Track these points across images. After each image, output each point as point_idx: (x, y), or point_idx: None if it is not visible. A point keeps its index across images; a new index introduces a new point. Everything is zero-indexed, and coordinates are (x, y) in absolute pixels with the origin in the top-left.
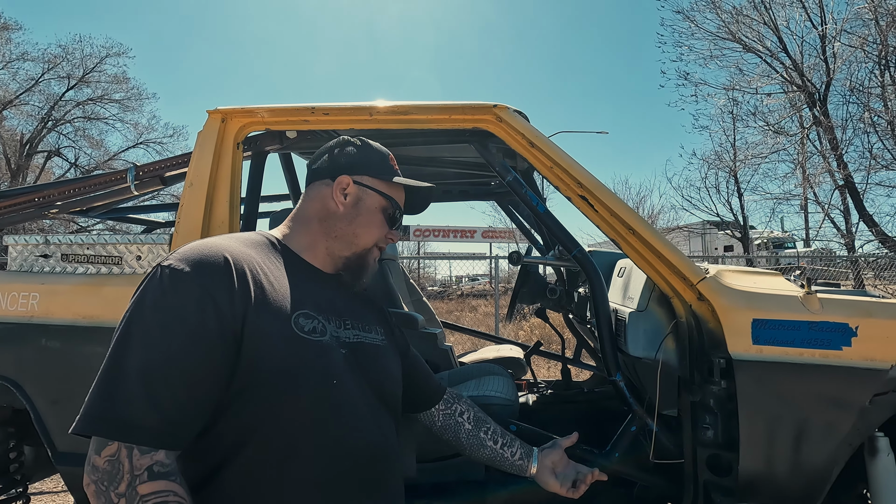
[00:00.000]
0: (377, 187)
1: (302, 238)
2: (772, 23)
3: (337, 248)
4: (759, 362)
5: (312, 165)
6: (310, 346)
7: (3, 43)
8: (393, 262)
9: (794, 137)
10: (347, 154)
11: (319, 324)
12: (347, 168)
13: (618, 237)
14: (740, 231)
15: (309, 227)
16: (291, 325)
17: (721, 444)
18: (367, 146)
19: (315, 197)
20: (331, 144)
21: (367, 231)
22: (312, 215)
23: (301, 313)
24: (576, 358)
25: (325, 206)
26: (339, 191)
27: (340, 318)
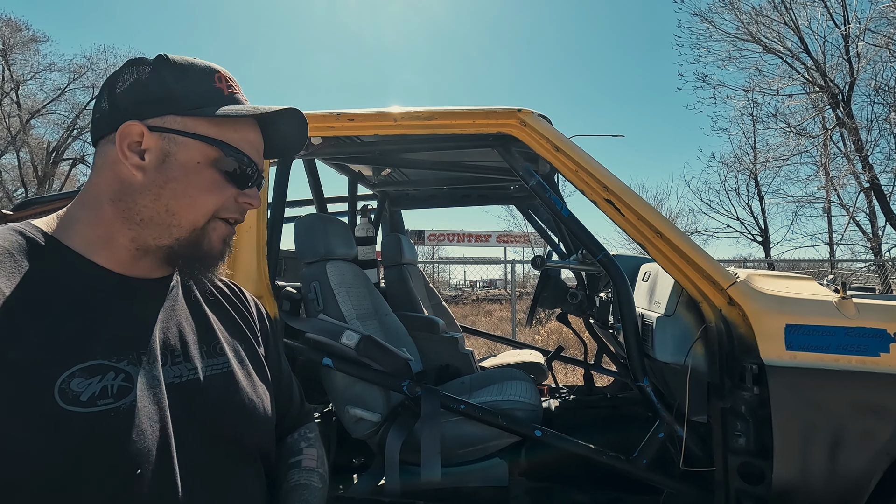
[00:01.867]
0: (194, 129)
1: (89, 229)
2: (793, 23)
3: (151, 238)
4: (793, 368)
5: (95, 117)
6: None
7: (32, 54)
8: (412, 266)
9: (816, 139)
10: (137, 86)
11: (117, 376)
12: (138, 109)
13: (645, 241)
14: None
15: (98, 213)
16: (54, 397)
17: (753, 452)
18: (166, 63)
19: (101, 165)
20: (110, 77)
21: (192, 201)
22: (102, 194)
23: (78, 370)
24: (597, 363)
25: (117, 176)
26: (126, 148)
27: (165, 350)
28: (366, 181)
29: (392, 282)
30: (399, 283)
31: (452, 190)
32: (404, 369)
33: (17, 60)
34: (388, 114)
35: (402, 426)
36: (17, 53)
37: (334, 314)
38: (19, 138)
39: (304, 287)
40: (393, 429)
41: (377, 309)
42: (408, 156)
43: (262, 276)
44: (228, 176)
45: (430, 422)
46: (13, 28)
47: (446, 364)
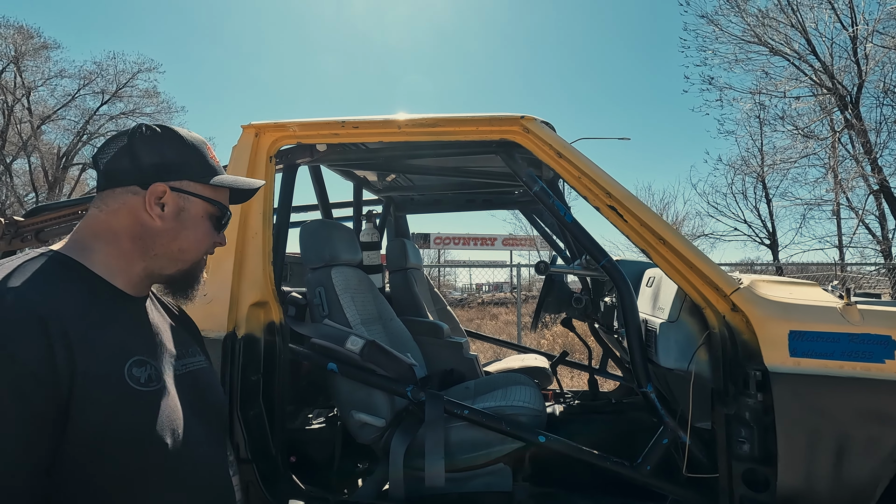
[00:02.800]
0: (200, 192)
1: (111, 260)
2: (799, 25)
3: (158, 267)
4: (797, 375)
5: (108, 166)
6: (150, 399)
7: (43, 61)
8: (417, 270)
9: (824, 141)
10: (156, 153)
11: (153, 369)
12: (160, 172)
13: (648, 247)
14: (769, 238)
15: (118, 247)
16: (126, 380)
17: (757, 459)
18: (178, 138)
19: (121, 209)
20: (129, 139)
21: (195, 244)
22: (121, 232)
23: (134, 361)
24: (602, 368)
25: (137, 220)
26: (153, 202)
27: (167, 350)
28: (371, 186)
29: (397, 286)
30: (404, 288)
31: (457, 195)
32: (409, 374)
33: (28, 67)
34: (393, 121)
35: (406, 431)
36: (28, 60)
37: (339, 319)
38: (30, 144)
39: (310, 292)
40: (397, 434)
41: (382, 314)
42: (412, 161)
43: (267, 282)
44: (215, 225)
45: (434, 427)
46: (25, 35)
47: (451, 369)
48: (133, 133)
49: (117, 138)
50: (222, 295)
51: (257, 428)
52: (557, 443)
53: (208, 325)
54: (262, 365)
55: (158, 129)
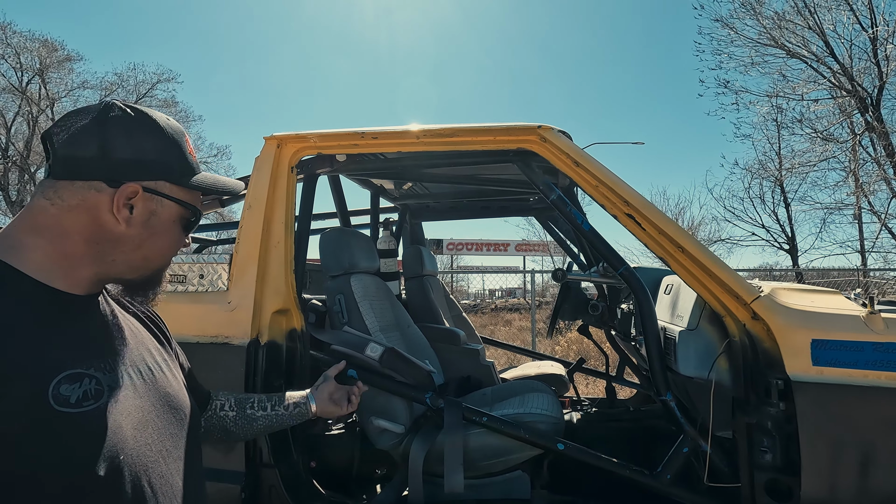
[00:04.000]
0: (175, 195)
1: (50, 261)
2: (817, 27)
3: (115, 273)
4: (820, 384)
5: (70, 151)
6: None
7: (67, 73)
8: (433, 277)
9: (844, 144)
10: (132, 146)
11: (94, 382)
12: (135, 170)
13: (666, 255)
14: (788, 243)
15: (64, 248)
16: (49, 403)
17: (780, 468)
18: (157, 130)
19: (80, 206)
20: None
21: (162, 251)
22: (73, 232)
23: (64, 377)
24: (619, 375)
25: (96, 221)
26: (122, 204)
27: (123, 356)
28: (387, 194)
29: (413, 293)
30: (420, 295)
31: (472, 202)
32: (427, 381)
33: (52, 79)
34: (411, 131)
35: (425, 438)
36: (52, 72)
37: (358, 326)
38: None
39: (329, 300)
40: (416, 440)
41: (399, 321)
42: (429, 170)
43: (289, 290)
44: (185, 228)
45: (453, 433)
46: (49, 48)
47: (467, 376)
48: (104, 116)
49: (80, 116)
50: (246, 302)
51: (279, 433)
52: (576, 450)
53: (232, 331)
54: (284, 371)
55: (133, 113)
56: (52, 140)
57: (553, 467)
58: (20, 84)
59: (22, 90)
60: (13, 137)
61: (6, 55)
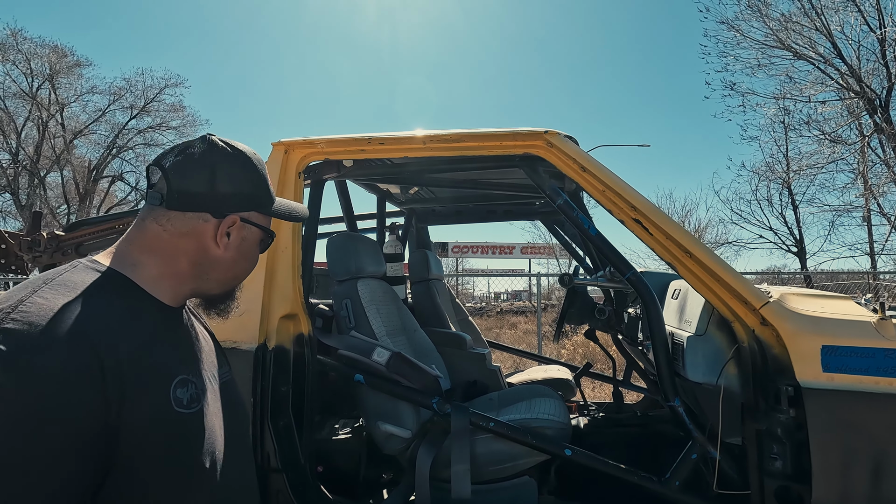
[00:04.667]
0: (260, 222)
1: (161, 278)
2: (824, 28)
3: (206, 289)
4: (831, 391)
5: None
6: (191, 423)
7: (76, 78)
8: (439, 281)
9: (853, 146)
10: (234, 181)
11: (194, 387)
12: (236, 203)
13: (674, 260)
14: (796, 245)
15: (174, 267)
16: (171, 405)
17: (790, 476)
18: (252, 166)
19: (189, 233)
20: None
21: (246, 271)
22: (183, 254)
23: (177, 381)
24: (626, 379)
25: (202, 246)
26: (224, 232)
27: (204, 363)
28: (394, 199)
29: (419, 297)
30: (426, 299)
31: (478, 206)
32: (434, 386)
33: (62, 84)
34: (417, 137)
35: (432, 443)
36: (62, 78)
37: (365, 331)
38: (63, 158)
39: (336, 304)
40: (423, 445)
41: (406, 325)
42: (435, 175)
43: (297, 295)
44: (262, 249)
45: (460, 439)
46: (59, 54)
47: (474, 380)
48: (209, 153)
49: (188, 153)
50: (253, 307)
51: (287, 438)
52: (584, 456)
53: (240, 336)
54: (292, 376)
55: (231, 150)
56: (166, 171)
57: (560, 473)
58: (30, 89)
59: (32, 95)
60: (23, 142)
61: (17, 61)
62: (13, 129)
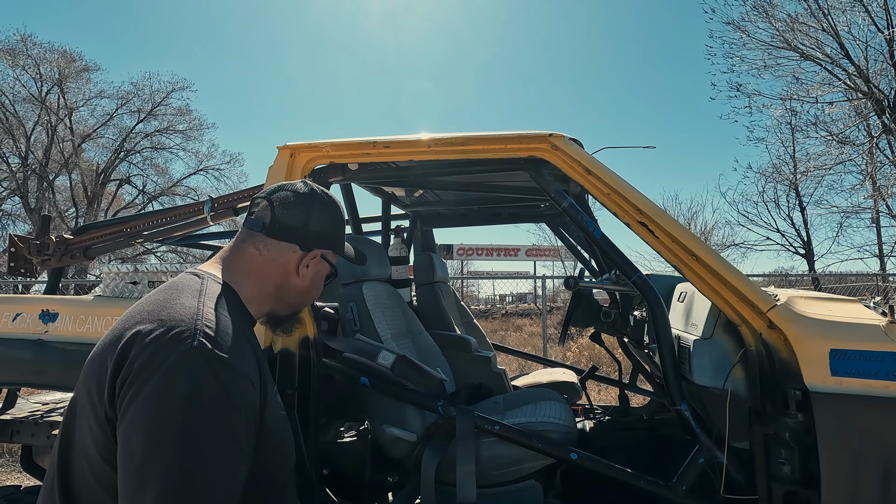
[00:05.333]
0: (332, 260)
1: (253, 297)
2: (831, 29)
3: (279, 310)
4: (840, 395)
5: (283, 218)
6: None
7: (84, 83)
8: (444, 284)
9: (861, 147)
10: (324, 222)
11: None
12: (321, 242)
13: (680, 263)
14: (804, 247)
15: (264, 287)
16: (278, 406)
17: (799, 481)
18: (338, 213)
19: (278, 261)
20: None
21: (313, 297)
22: (271, 278)
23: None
24: (632, 383)
25: (286, 272)
26: (307, 263)
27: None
28: (398, 202)
29: (424, 300)
30: (431, 302)
31: (483, 209)
32: (439, 389)
33: (71, 89)
34: (422, 140)
35: (437, 446)
36: (71, 82)
37: (370, 334)
38: (72, 161)
39: (342, 307)
40: (428, 449)
41: (411, 328)
42: (440, 178)
43: None
44: (326, 281)
45: (465, 442)
46: (68, 59)
47: (479, 383)
48: (311, 197)
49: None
50: None
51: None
52: (590, 460)
53: None
54: (297, 379)
55: (327, 198)
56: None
57: (566, 477)
58: (40, 94)
59: (41, 100)
60: (33, 146)
61: (27, 66)
62: (23, 133)
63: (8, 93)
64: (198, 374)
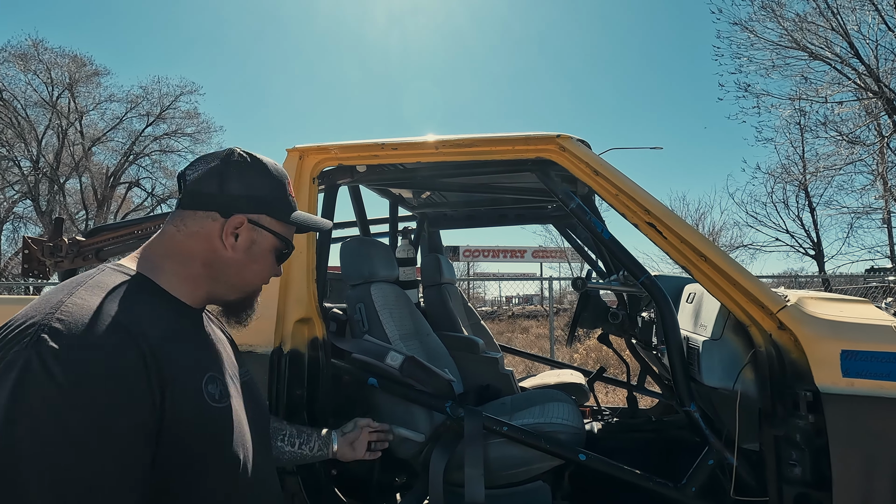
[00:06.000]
0: (274, 228)
1: (180, 280)
2: (841, 28)
3: (221, 293)
4: (851, 396)
5: (195, 186)
6: (224, 417)
7: (94, 87)
8: (451, 285)
9: (871, 147)
10: (245, 183)
11: (221, 384)
12: (244, 205)
13: (689, 264)
14: (814, 248)
15: (189, 268)
16: (205, 398)
17: (810, 483)
18: (267, 172)
19: (199, 233)
20: (218, 163)
21: (258, 277)
22: (194, 255)
23: (208, 377)
24: (640, 384)
25: (211, 246)
26: (230, 232)
27: (227, 363)
28: (406, 203)
29: (432, 302)
30: (439, 303)
31: (490, 210)
32: (447, 390)
33: (81, 93)
34: (430, 142)
35: (445, 447)
36: (81, 86)
37: (379, 335)
38: (82, 164)
39: (350, 309)
40: (437, 449)
41: (418, 329)
42: (447, 179)
43: (311, 299)
44: (277, 258)
45: (473, 443)
46: (79, 64)
47: (487, 384)
48: (226, 158)
49: (209, 159)
50: (269, 311)
51: None
52: (598, 461)
53: (256, 340)
54: (307, 379)
55: (249, 158)
56: (184, 177)
57: (574, 478)
58: (51, 98)
59: (52, 104)
60: (44, 149)
61: (38, 71)
62: (34, 136)
63: (20, 97)
64: (26, 375)
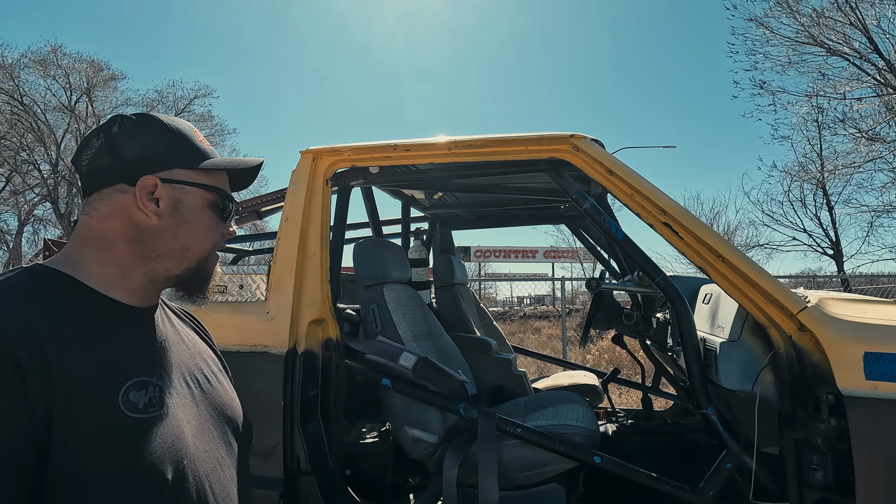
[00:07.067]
0: (195, 180)
1: (105, 269)
2: (860, 23)
3: (163, 270)
4: (875, 399)
5: (90, 166)
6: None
7: (111, 91)
8: (464, 286)
9: (892, 144)
10: (138, 143)
11: (156, 390)
12: (146, 164)
13: (705, 264)
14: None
15: (113, 254)
16: (120, 408)
17: (832, 488)
18: (159, 125)
19: (112, 211)
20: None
21: (200, 238)
22: (115, 236)
23: (132, 384)
24: (655, 386)
25: (131, 221)
26: (145, 198)
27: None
28: (418, 204)
29: (444, 302)
30: (451, 304)
31: (502, 210)
32: (460, 391)
33: (98, 97)
34: (443, 143)
35: (459, 448)
36: (98, 91)
37: (392, 336)
38: None
39: (363, 309)
40: (450, 450)
41: (431, 330)
42: (459, 180)
43: (325, 300)
44: (219, 214)
45: (487, 444)
46: (96, 68)
47: (500, 385)
48: (109, 126)
49: (94, 135)
50: (284, 312)
51: (315, 441)
52: (614, 464)
53: (270, 341)
54: (321, 380)
55: (135, 117)
56: (78, 164)
57: (589, 481)
58: (69, 103)
59: (71, 108)
60: (63, 153)
61: (57, 76)
62: (53, 140)
63: (39, 102)
64: None
